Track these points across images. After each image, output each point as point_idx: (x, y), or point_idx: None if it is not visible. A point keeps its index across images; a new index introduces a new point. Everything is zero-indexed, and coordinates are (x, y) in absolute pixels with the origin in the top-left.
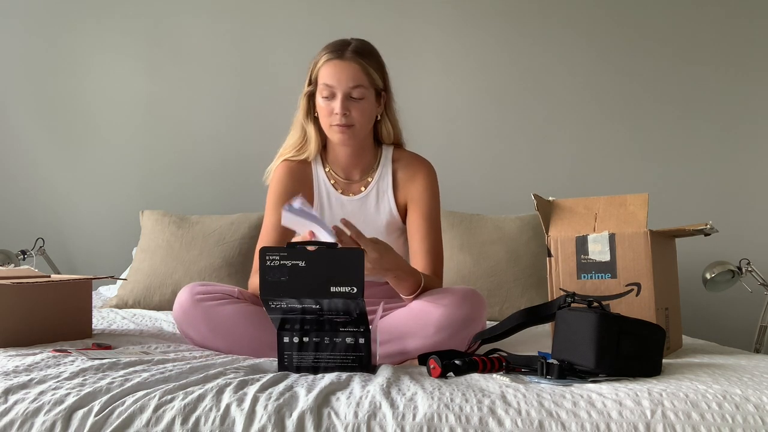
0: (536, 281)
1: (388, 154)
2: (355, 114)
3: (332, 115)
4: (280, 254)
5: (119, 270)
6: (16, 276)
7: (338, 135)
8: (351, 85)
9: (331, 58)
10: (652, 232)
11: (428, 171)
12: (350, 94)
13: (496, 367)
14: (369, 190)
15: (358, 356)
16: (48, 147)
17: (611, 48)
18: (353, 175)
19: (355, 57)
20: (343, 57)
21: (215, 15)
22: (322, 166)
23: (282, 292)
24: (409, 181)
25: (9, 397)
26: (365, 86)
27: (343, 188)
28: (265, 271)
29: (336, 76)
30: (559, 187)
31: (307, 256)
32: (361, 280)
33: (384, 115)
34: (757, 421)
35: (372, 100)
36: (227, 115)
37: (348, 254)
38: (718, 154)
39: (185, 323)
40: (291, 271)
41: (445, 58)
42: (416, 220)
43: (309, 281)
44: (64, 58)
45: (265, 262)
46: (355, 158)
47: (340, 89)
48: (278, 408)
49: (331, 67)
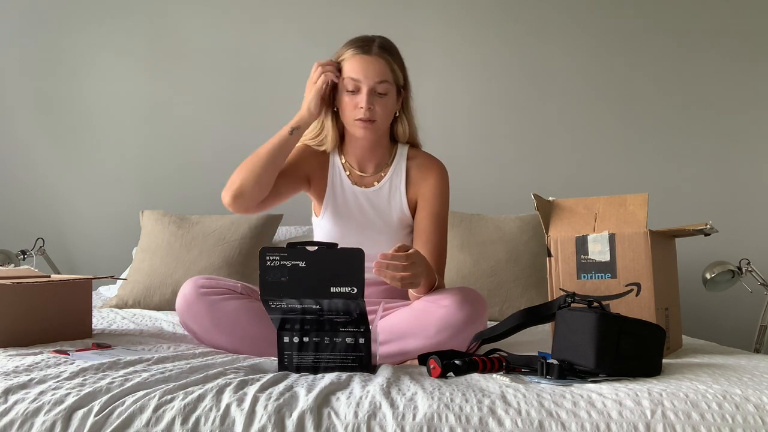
0: (536, 281)
1: (404, 151)
2: (378, 109)
3: (356, 109)
4: (280, 254)
5: (119, 270)
6: (16, 276)
7: (361, 130)
8: (377, 80)
9: (358, 52)
10: (652, 232)
11: (441, 172)
12: (375, 89)
13: (496, 367)
14: (382, 185)
15: (358, 356)
16: (48, 147)
17: (612, 48)
18: (367, 168)
19: (381, 52)
20: (370, 52)
21: (215, 15)
22: (338, 155)
23: (282, 292)
24: (421, 179)
25: (9, 397)
26: (389, 82)
27: (357, 180)
28: (265, 272)
29: (363, 70)
30: (559, 187)
31: (307, 257)
32: (362, 280)
33: (401, 113)
34: (757, 421)
35: (394, 96)
36: (227, 114)
37: (348, 254)
38: (718, 154)
39: (188, 316)
40: (291, 271)
41: (445, 58)
42: (424, 219)
43: (309, 281)
44: (64, 58)
45: (265, 262)
46: (370, 152)
47: (366, 84)
48: (278, 408)
49: (357, 62)
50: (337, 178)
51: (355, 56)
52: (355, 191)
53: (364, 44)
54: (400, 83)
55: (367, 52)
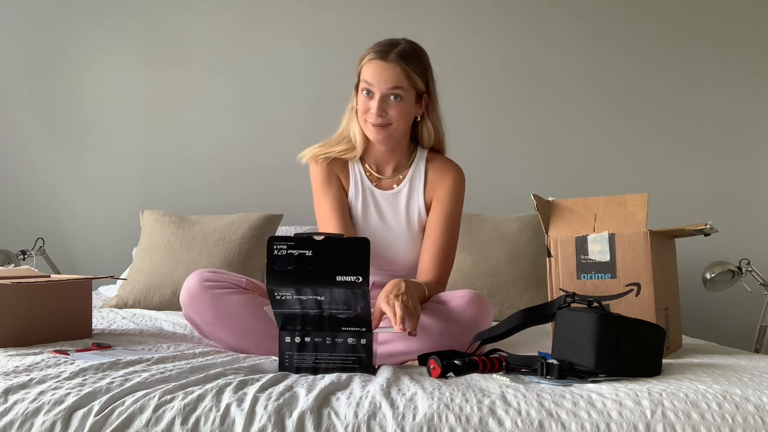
0: (536, 281)
1: (423, 155)
2: (392, 113)
3: (368, 112)
4: (287, 243)
5: (119, 270)
6: (16, 276)
7: (372, 133)
8: (389, 86)
9: (375, 57)
10: (651, 232)
11: (457, 175)
12: (388, 95)
13: (496, 367)
14: (401, 187)
15: (359, 357)
16: (48, 147)
17: (612, 48)
18: (385, 170)
19: (397, 60)
20: (386, 58)
21: (215, 14)
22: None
23: (288, 281)
24: (437, 181)
25: (9, 397)
26: (404, 88)
27: (376, 182)
28: (272, 261)
29: (376, 76)
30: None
31: (314, 246)
32: (367, 269)
33: (425, 117)
34: (757, 421)
35: (411, 101)
36: (227, 114)
37: (354, 244)
38: (718, 154)
39: (191, 309)
40: (298, 260)
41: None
42: (435, 220)
43: (315, 270)
44: (64, 58)
45: (273, 251)
46: (388, 155)
47: (378, 90)
48: (278, 408)
49: (373, 67)
50: (358, 177)
51: (371, 61)
52: (375, 193)
53: (384, 49)
54: (420, 89)
55: (383, 57)
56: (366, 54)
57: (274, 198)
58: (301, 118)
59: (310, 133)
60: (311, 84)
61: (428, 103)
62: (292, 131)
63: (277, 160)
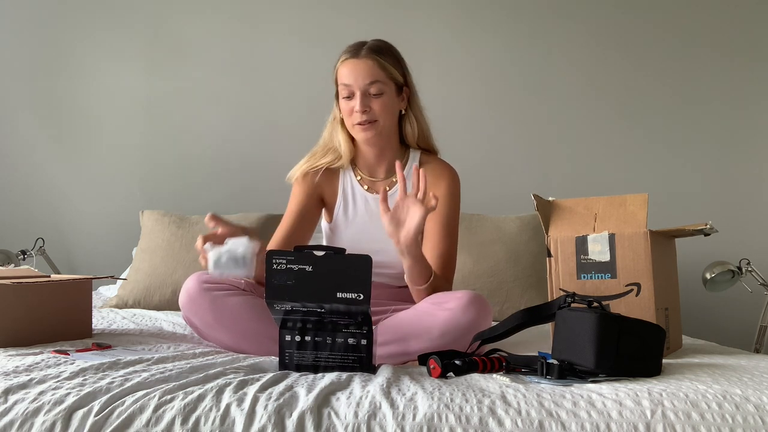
0: (536, 281)
1: (416, 156)
2: (376, 108)
3: (353, 113)
4: (287, 258)
5: (119, 270)
6: (16, 276)
7: (362, 133)
8: (367, 82)
9: (347, 57)
10: (652, 232)
11: (452, 177)
12: (368, 90)
13: (496, 367)
14: (395, 191)
15: (359, 356)
16: (48, 147)
17: (612, 48)
18: (377, 173)
19: (370, 54)
20: (358, 55)
21: (215, 15)
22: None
23: (287, 296)
24: (432, 184)
25: (9, 397)
26: (383, 81)
27: (369, 185)
28: (271, 275)
29: (352, 74)
30: (559, 187)
31: (314, 261)
32: (368, 286)
33: (408, 111)
34: (757, 421)
35: (392, 94)
36: (227, 114)
37: (356, 260)
38: (718, 154)
39: (191, 311)
40: (297, 275)
41: (444, 58)
42: (433, 225)
43: (315, 286)
44: (64, 59)
45: (272, 265)
46: (379, 156)
47: (357, 87)
48: (278, 408)
49: (347, 67)
50: (348, 184)
51: (345, 62)
52: (366, 198)
53: (354, 48)
54: (398, 80)
55: (355, 55)
56: (338, 59)
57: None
58: (302, 118)
59: (310, 133)
60: (312, 84)
61: (409, 95)
62: (293, 131)
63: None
